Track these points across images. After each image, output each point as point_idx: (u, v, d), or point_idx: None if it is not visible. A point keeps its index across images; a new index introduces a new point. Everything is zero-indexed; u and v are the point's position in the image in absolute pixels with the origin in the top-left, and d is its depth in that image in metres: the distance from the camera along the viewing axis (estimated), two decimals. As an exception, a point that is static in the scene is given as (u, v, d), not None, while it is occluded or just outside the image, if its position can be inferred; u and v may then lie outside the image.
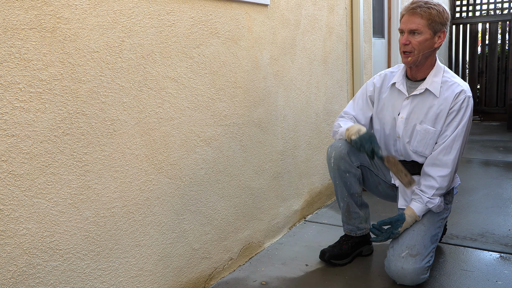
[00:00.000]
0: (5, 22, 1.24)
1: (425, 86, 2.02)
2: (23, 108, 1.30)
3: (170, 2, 1.76)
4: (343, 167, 2.13)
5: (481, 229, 2.55)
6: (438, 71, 2.04)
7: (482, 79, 6.33)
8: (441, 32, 1.97)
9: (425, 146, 2.03)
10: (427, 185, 2.00)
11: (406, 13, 1.97)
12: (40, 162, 1.36)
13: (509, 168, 3.82)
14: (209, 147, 2.02)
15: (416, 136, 2.04)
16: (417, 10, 1.93)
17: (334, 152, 2.14)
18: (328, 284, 2.04)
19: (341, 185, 2.17)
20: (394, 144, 2.14)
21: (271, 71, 2.42)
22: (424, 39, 1.94)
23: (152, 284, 1.78)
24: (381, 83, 2.19)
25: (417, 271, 1.92)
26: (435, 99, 2.00)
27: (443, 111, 1.99)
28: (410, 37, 1.95)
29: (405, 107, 2.07)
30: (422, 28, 1.93)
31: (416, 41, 1.94)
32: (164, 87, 1.76)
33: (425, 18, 1.92)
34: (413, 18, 1.94)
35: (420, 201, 2.00)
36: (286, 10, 2.52)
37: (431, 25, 1.93)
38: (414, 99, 2.05)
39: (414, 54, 1.96)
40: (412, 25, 1.94)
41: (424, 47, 1.96)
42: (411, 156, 2.10)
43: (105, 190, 1.57)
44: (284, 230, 2.65)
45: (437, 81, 2.01)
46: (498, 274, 2.05)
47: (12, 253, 1.31)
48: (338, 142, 2.16)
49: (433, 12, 1.92)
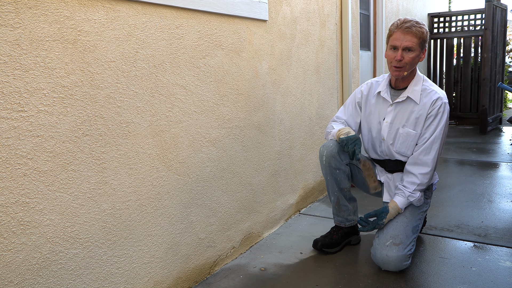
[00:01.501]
0: (31, 34, 1.24)
1: (406, 94, 2.02)
2: (47, 111, 1.30)
3: (179, 17, 1.75)
4: (333, 164, 2.12)
5: (457, 221, 2.54)
6: (418, 80, 2.04)
7: (457, 87, 6.32)
8: (425, 49, 1.98)
9: (407, 147, 2.03)
10: (409, 181, 2.00)
11: (399, 31, 1.93)
12: (62, 160, 1.35)
13: (482, 167, 3.82)
14: (214, 147, 2.01)
15: (399, 139, 2.04)
16: (412, 29, 1.90)
17: (326, 151, 2.14)
18: (321, 270, 2.03)
19: (332, 180, 2.16)
20: (379, 146, 2.14)
21: (269, 80, 2.41)
22: (415, 55, 1.94)
23: (163, 270, 1.77)
24: (368, 91, 2.19)
25: (400, 258, 1.92)
26: (415, 106, 2.01)
27: (422, 115, 1.99)
28: (404, 53, 1.93)
29: (389, 113, 2.08)
30: (415, 46, 1.92)
31: (409, 57, 1.93)
32: (173, 93, 1.75)
33: (418, 37, 1.91)
34: (408, 36, 1.91)
35: (403, 195, 2.00)
36: (282, 25, 2.51)
37: (421, 43, 1.94)
38: (397, 105, 2.06)
39: (405, 69, 1.96)
40: (408, 43, 1.91)
41: (414, 62, 1.96)
42: (394, 156, 2.09)
43: (121, 185, 1.56)
44: (281, 221, 2.64)
45: (417, 89, 2.01)
46: (473, 261, 2.04)
47: (37, 241, 1.30)
48: (330, 142, 2.16)
49: (424, 31, 1.92)
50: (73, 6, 1.35)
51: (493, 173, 3.61)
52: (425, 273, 1.96)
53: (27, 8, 1.22)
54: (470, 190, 3.13)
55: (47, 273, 1.33)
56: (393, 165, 2.12)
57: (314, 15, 2.87)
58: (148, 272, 1.70)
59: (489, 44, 5.38)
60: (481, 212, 2.68)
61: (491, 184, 3.27)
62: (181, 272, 1.86)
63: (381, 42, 4.46)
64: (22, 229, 1.26)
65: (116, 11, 1.48)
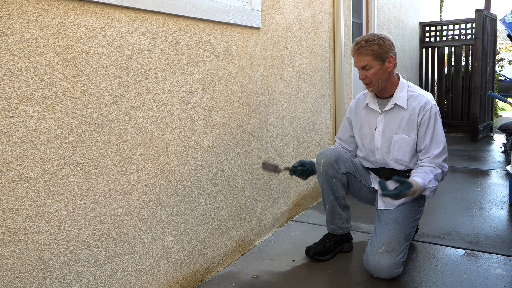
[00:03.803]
0: (22, 39, 1.23)
1: (394, 102, 2.05)
2: (37, 117, 1.28)
3: (172, 24, 1.75)
4: (330, 173, 2.13)
5: (449, 228, 2.55)
6: (403, 86, 2.07)
7: (448, 96, 6.37)
8: (389, 58, 1.98)
9: (404, 153, 2.05)
10: (430, 170, 1.96)
11: (354, 54, 2.01)
12: (52, 166, 1.34)
13: (473, 175, 3.84)
14: (206, 154, 2.00)
15: (395, 146, 2.06)
16: (360, 50, 1.97)
17: (323, 159, 2.14)
18: (313, 277, 2.02)
19: (328, 189, 2.16)
20: (373, 155, 2.15)
21: (262, 87, 2.42)
22: (376, 70, 1.98)
23: (154, 278, 1.75)
24: (355, 105, 2.25)
25: (392, 265, 1.91)
26: (404, 111, 2.04)
27: (413, 120, 2.02)
28: (364, 72, 2.00)
29: (380, 122, 2.10)
30: (370, 62, 1.96)
31: (370, 73, 1.98)
32: (166, 100, 1.74)
33: (369, 54, 1.95)
34: (360, 57, 1.98)
35: (423, 178, 1.90)
36: (275, 33, 2.52)
37: (377, 58, 1.96)
38: (387, 114, 2.08)
39: (373, 83, 2.02)
40: (361, 63, 1.98)
41: (379, 75, 1.99)
42: (390, 164, 2.11)
43: (112, 192, 1.54)
44: (273, 229, 2.63)
45: (403, 95, 2.04)
46: (464, 268, 2.04)
47: (25, 249, 1.28)
48: (327, 150, 2.18)
49: (374, 47, 1.95)
50: (65, 12, 1.34)
51: (484, 180, 3.64)
52: (417, 280, 1.95)
53: (18, 14, 1.22)
54: (462, 197, 3.15)
55: (35, 281, 1.31)
56: (387, 172, 2.13)
57: (307, 23, 2.89)
58: (139, 280, 1.68)
59: (480, 53, 5.44)
60: (472, 219, 2.69)
61: (482, 191, 3.29)
62: (172, 280, 1.84)
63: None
64: (10, 236, 1.24)
65: (108, 17, 1.48)
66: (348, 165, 2.18)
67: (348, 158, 2.20)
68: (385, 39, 1.98)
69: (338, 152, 2.17)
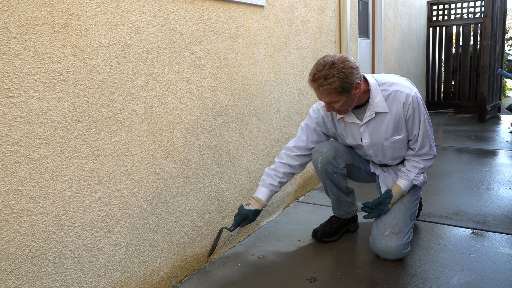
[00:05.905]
0: (20, 17, 1.19)
1: (373, 110, 1.87)
2: (38, 97, 1.26)
3: (174, 2, 1.71)
4: (330, 170, 2.05)
5: (456, 208, 2.52)
6: (376, 90, 1.86)
7: (456, 76, 6.27)
8: (355, 86, 1.75)
9: (400, 150, 1.98)
10: (412, 166, 1.98)
11: (313, 89, 1.78)
12: (55, 147, 1.32)
13: (480, 155, 3.79)
14: (211, 135, 1.97)
15: (389, 150, 1.97)
16: (320, 89, 1.73)
17: (320, 158, 2.04)
18: (319, 258, 2.01)
19: (330, 183, 2.11)
20: (370, 159, 2.11)
21: (267, 67, 2.37)
22: (343, 102, 1.77)
23: (160, 258, 1.75)
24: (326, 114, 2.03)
25: (399, 247, 1.90)
26: (387, 115, 1.88)
27: (401, 119, 1.88)
28: (331, 105, 1.80)
29: (363, 133, 1.95)
30: (334, 98, 1.75)
31: (338, 106, 1.79)
32: (169, 80, 1.71)
33: (332, 92, 1.72)
34: (322, 95, 1.76)
35: (407, 179, 1.97)
36: (280, 11, 2.46)
37: (341, 92, 1.73)
38: (369, 123, 1.92)
39: (345, 109, 1.83)
40: (325, 100, 1.78)
41: (348, 104, 1.80)
42: (388, 163, 2.07)
43: (116, 173, 1.53)
44: (279, 210, 2.62)
45: (380, 100, 1.86)
46: (471, 248, 2.03)
47: (30, 229, 1.27)
48: (323, 147, 2.05)
49: (336, 84, 1.69)
50: (64, -12, 1.30)
51: (491, 160, 3.59)
52: (423, 260, 1.94)
53: (15, -10, 1.18)
54: (469, 177, 3.11)
55: (41, 261, 1.31)
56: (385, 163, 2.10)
57: (312, 1, 2.82)
58: (145, 261, 1.68)
59: (489, 31, 5.32)
60: (479, 199, 2.66)
61: (489, 171, 3.25)
62: (178, 260, 1.84)
63: (379, 30, 4.41)
64: (14, 217, 1.23)
65: (108, -6, 1.44)
66: (346, 157, 2.09)
67: (344, 149, 2.08)
68: (345, 68, 1.70)
69: (333, 146, 2.04)
